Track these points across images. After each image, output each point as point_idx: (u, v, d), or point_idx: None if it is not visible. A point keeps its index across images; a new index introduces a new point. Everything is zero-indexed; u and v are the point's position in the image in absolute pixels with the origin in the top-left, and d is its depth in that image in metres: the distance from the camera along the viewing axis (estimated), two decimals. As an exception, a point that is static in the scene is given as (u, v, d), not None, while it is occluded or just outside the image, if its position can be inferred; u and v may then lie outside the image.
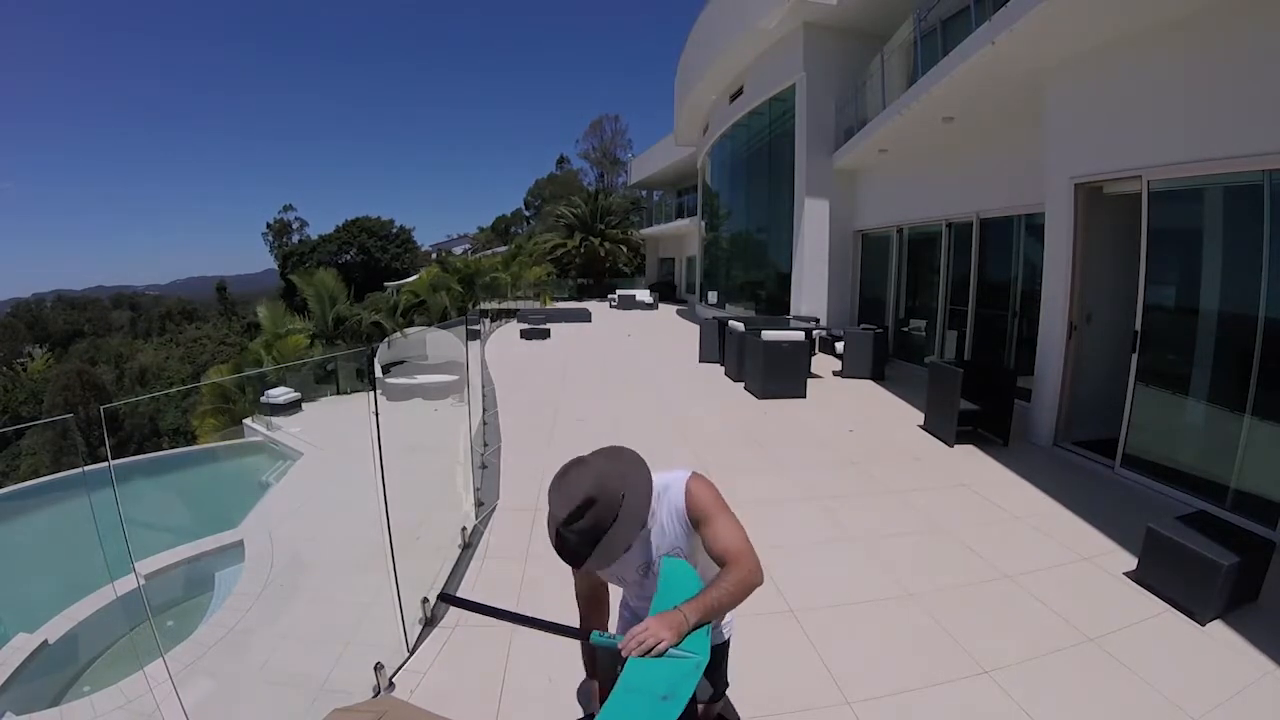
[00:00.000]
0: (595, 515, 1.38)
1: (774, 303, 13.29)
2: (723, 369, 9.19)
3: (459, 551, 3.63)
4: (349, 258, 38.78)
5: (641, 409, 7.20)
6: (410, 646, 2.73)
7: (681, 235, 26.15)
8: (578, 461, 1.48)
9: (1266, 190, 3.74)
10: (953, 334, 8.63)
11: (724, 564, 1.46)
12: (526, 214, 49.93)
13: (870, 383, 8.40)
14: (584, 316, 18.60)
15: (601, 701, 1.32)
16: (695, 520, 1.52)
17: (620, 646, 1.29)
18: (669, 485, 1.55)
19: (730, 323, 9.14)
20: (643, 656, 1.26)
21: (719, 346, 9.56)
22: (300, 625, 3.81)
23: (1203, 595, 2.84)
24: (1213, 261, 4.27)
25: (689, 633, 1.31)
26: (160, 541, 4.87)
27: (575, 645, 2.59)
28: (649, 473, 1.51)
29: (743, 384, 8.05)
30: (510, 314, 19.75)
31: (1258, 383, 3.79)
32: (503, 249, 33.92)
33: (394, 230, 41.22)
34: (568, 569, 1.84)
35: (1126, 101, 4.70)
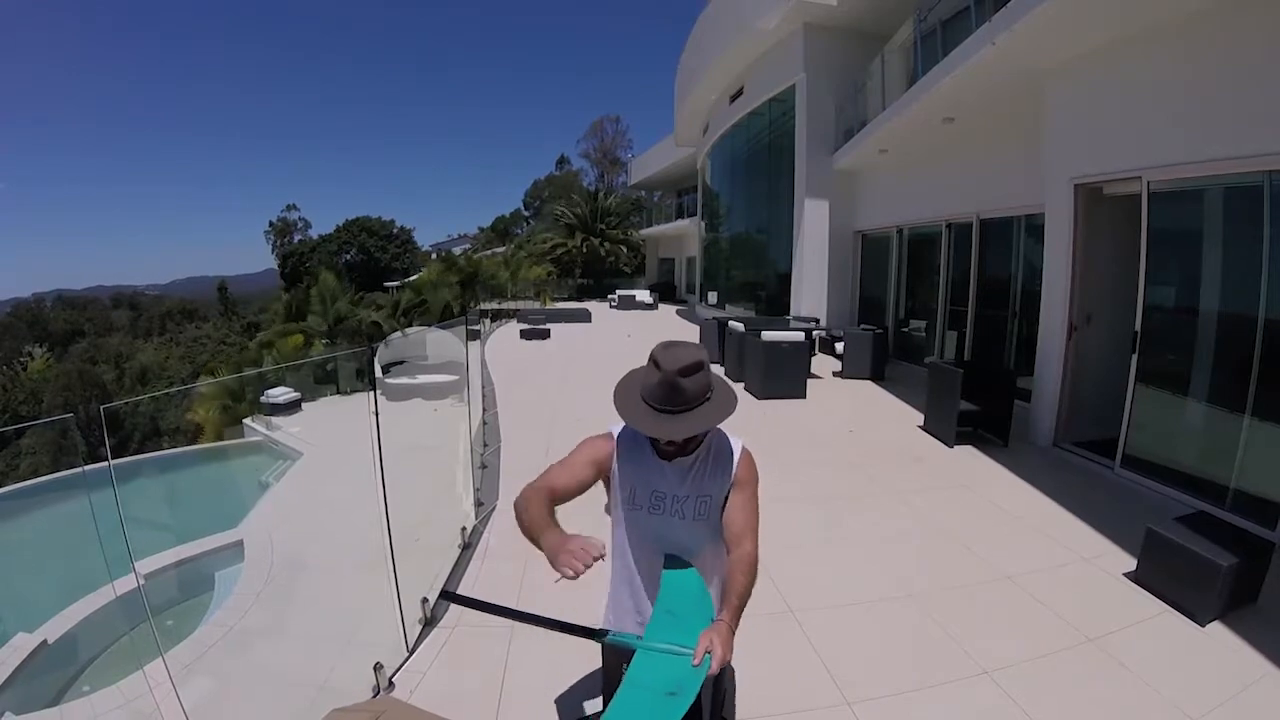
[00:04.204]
0: (704, 377, 1.47)
1: (774, 303, 13.29)
2: (723, 369, 9.19)
3: (459, 552, 3.63)
4: (349, 258, 38.80)
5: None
6: (410, 646, 2.73)
7: (681, 235, 26.15)
8: (685, 341, 1.56)
9: (1266, 191, 3.74)
10: (953, 334, 8.63)
11: (737, 535, 1.52)
12: (526, 214, 49.94)
13: (870, 383, 8.39)
14: (584, 317, 18.59)
15: (607, 699, 1.32)
16: (736, 481, 1.59)
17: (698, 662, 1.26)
18: (729, 437, 1.64)
19: (730, 323, 9.14)
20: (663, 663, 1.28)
21: (719, 347, 9.55)
22: (300, 625, 3.81)
23: (1202, 596, 2.84)
24: (1212, 262, 4.27)
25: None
26: (160, 541, 4.88)
27: (574, 644, 2.60)
28: (734, 393, 1.61)
29: (743, 384, 8.05)
30: (510, 314, 19.76)
31: (1257, 383, 3.79)
32: (503, 249, 33.94)
33: (394, 230, 41.26)
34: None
35: (1126, 102, 4.71)
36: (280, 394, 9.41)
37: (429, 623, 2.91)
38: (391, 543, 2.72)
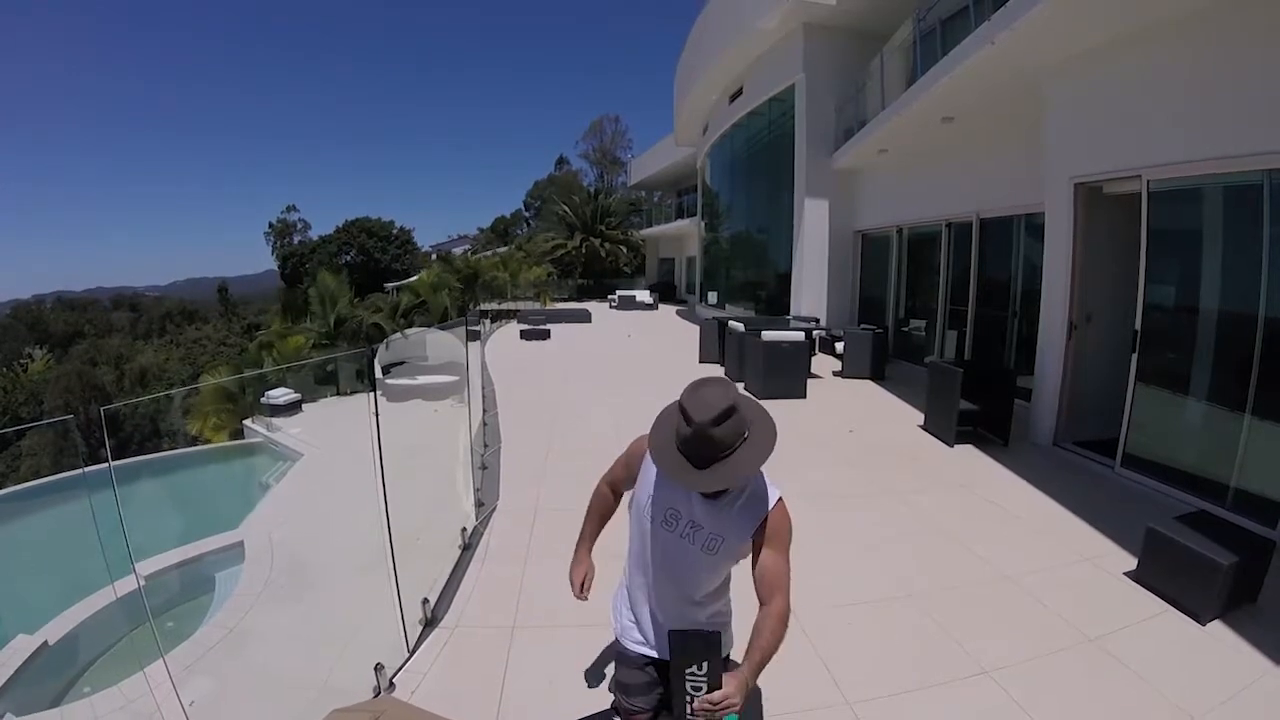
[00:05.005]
0: (738, 422, 1.35)
1: (774, 303, 13.29)
2: (723, 369, 9.19)
3: (459, 553, 3.62)
4: (349, 259, 38.77)
5: (643, 409, 7.18)
6: (410, 647, 2.73)
7: (681, 236, 26.15)
8: (714, 379, 1.46)
9: (1266, 190, 3.74)
10: (953, 334, 8.63)
11: (770, 588, 1.48)
12: (526, 215, 49.92)
13: (870, 383, 8.39)
14: (584, 317, 18.59)
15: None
16: (767, 534, 1.51)
17: (698, 709, 1.34)
18: (767, 484, 1.55)
19: (730, 323, 9.14)
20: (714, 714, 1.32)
21: (719, 347, 9.55)
22: (300, 626, 3.81)
23: (1203, 595, 2.84)
24: (1212, 261, 4.27)
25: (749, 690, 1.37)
26: (161, 542, 4.88)
27: (575, 645, 2.60)
28: (773, 422, 1.49)
29: (743, 384, 8.04)
30: (510, 314, 19.75)
31: (1257, 382, 3.79)
32: (503, 249, 33.93)
33: (394, 231, 41.24)
34: (568, 572, 1.85)
35: (1126, 101, 4.71)
36: (280, 395, 9.40)
37: (429, 623, 2.92)
38: (392, 543, 2.72)
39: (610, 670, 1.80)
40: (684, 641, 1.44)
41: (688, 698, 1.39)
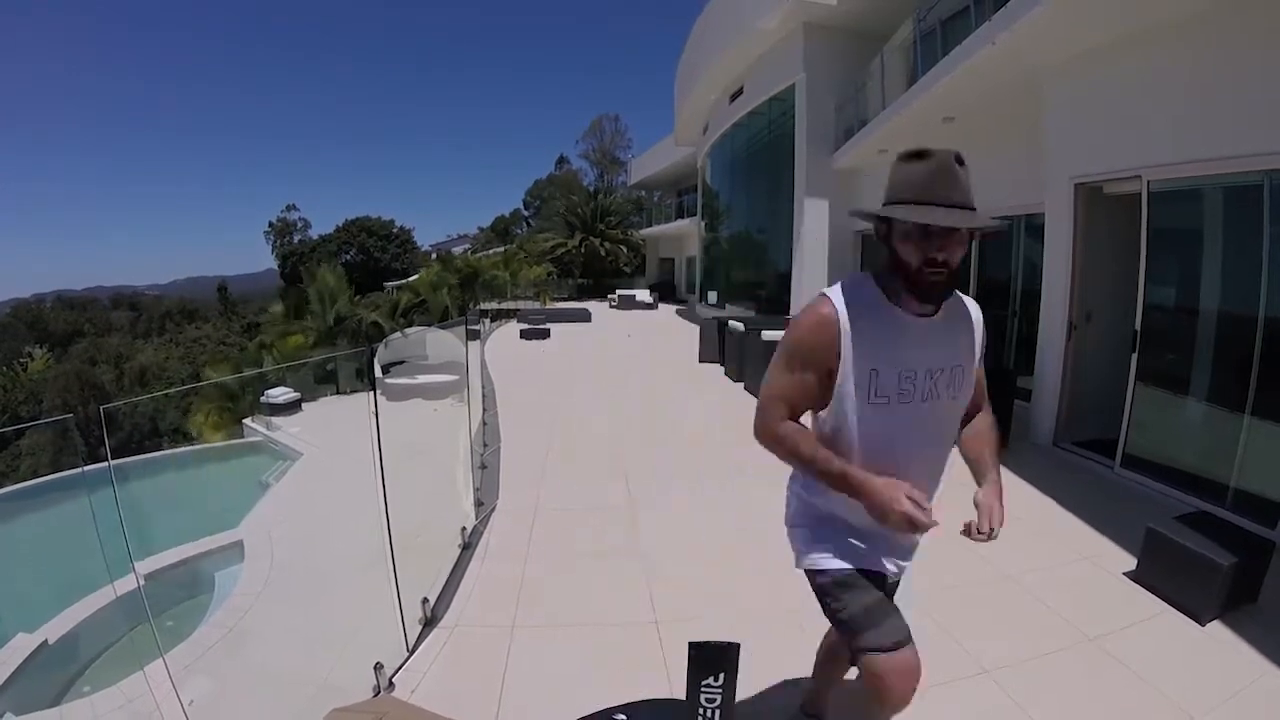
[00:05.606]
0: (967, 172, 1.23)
1: (774, 303, 13.29)
2: (723, 369, 9.19)
3: (458, 552, 3.62)
4: (349, 258, 38.78)
5: (642, 409, 7.19)
6: (410, 646, 2.73)
7: (681, 235, 26.16)
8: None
9: (1266, 190, 3.74)
10: (952, 334, 8.61)
11: (981, 395, 1.52)
12: (526, 214, 49.93)
13: (870, 383, 8.37)
14: (584, 316, 18.60)
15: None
16: (980, 343, 1.47)
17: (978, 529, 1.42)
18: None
19: (730, 323, 9.14)
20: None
21: (719, 346, 9.56)
22: (299, 625, 3.81)
23: (1202, 595, 2.84)
24: (1212, 261, 4.27)
25: None
26: (160, 541, 4.88)
27: (574, 644, 2.59)
28: None
29: (743, 384, 8.05)
30: (510, 314, 19.77)
31: (1257, 382, 3.79)
32: (502, 249, 33.94)
33: (394, 230, 41.27)
34: (568, 572, 1.85)
35: (1127, 101, 4.71)
36: (280, 394, 9.41)
37: (429, 623, 2.91)
38: (391, 542, 2.72)
39: (609, 666, 1.78)
40: (702, 653, 1.35)
41: (702, 710, 1.32)
